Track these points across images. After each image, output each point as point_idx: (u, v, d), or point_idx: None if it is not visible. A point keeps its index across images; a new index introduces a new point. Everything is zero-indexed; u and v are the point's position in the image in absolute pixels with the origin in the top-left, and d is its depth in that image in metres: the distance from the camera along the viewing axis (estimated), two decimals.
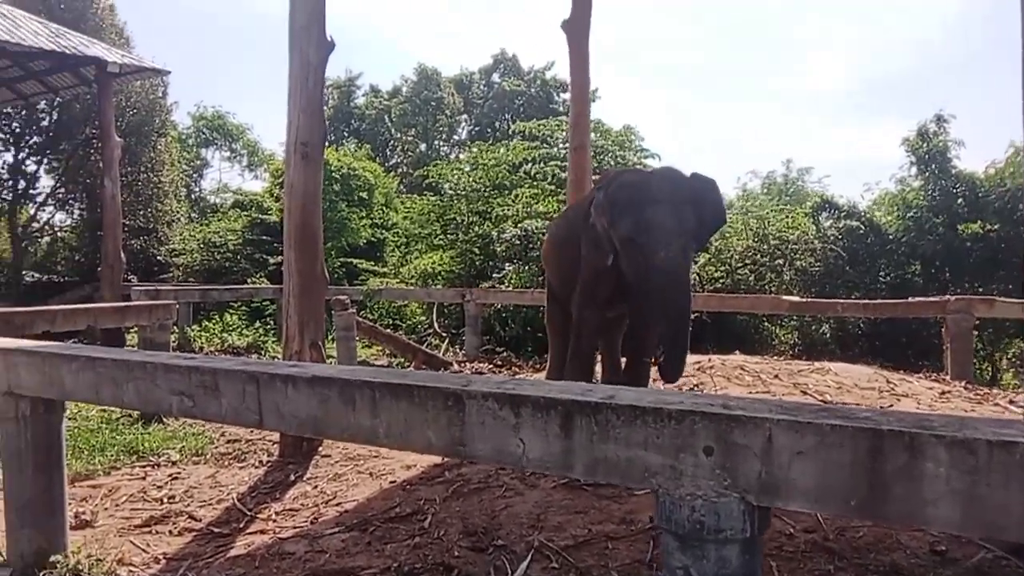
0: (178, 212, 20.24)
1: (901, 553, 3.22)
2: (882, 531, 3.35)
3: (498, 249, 12.32)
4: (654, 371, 5.15)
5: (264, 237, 17.35)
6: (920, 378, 7.46)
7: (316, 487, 4.38)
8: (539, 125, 14.55)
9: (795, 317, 11.18)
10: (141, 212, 18.02)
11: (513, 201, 13.67)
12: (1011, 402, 6.38)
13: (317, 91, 5.01)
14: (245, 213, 18.15)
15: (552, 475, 3.81)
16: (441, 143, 37.50)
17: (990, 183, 10.90)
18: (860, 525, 3.39)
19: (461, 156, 15.43)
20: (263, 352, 11.62)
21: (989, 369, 11.20)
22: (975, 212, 10.84)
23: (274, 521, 3.89)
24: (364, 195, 16.43)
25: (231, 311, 13.67)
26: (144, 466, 5.01)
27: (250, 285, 14.56)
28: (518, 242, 11.71)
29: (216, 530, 3.83)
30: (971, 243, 10.81)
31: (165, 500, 4.27)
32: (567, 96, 35.82)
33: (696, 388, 6.51)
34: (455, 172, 14.71)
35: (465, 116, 38.06)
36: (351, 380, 2.18)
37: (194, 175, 28.08)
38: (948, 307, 7.83)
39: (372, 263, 16.15)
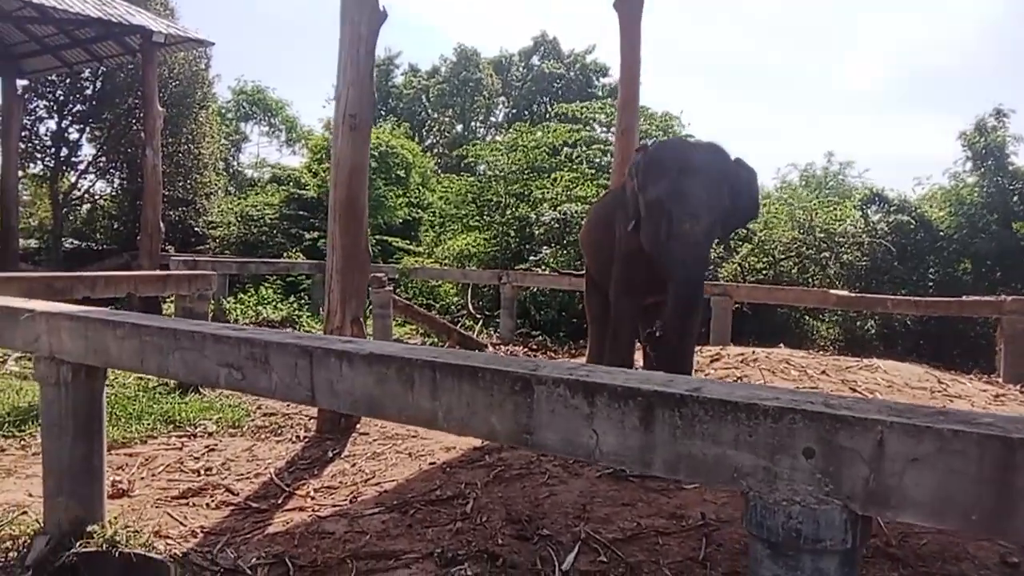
0: (216, 185, 20.32)
1: (969, 563, 3.05)
2: (947, 539, 3.18)
3: (536, 232, 12.16)
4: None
5: (301, 212, 17.34)
6: (972, 379, 7.22)
7: (354, 465, 4.29)
8: (582, 107, 14.33)
9: (839, 312, 10.90)
10: (180, 183, 18.08)
11: (552, 184, 13.51)
12: None
13: (368, 63, 4.88)
14: (283, 188, 18.15)
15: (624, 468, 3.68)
16: (478, 124, 37.37)
17: None
18: (924, 532, 3.22)
19: (499, 138, 15.19)
20: (298, 326, 11.61)
21: None
22: None
23: (312, 498, 3.81)
24: (401, 173, 16.32)
25: (266, 284, 13.68)
26: (181, 436, 4.97)
27: (287, 259, 14.55)
28: (557, 225, 11.54)
29: (254, 505, 3.75)
30: None
31: (202, 472, 4.21)
32: (607, 80, 35.61)
33: (740, 380, 6.32)
34: (494, 153, 14.54)
35: (503, 98, 37.86)
36: (411, 359, 2.05)
37: (232, 149, 28.23)
38: (1004, 307, 7.56)
39: (407, 242, 16.07)
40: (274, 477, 4.11)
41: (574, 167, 13.72)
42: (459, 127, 36.68)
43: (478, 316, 11.53)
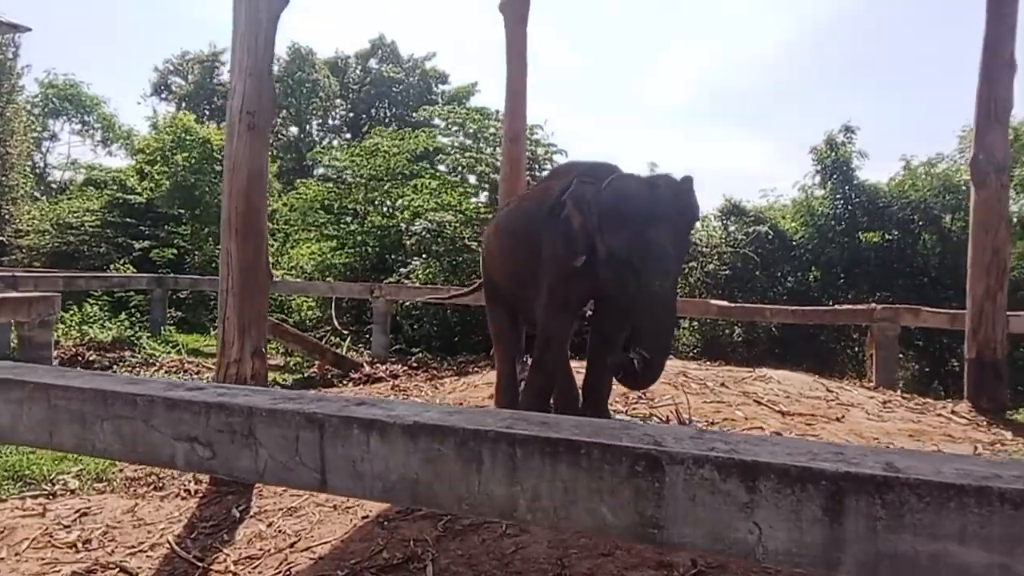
0: (23, 188, 18.09)
1: None
2: None
3: (407, 242, 11.59)
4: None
5: (129, 219, 15.76)
6: (856, 386, 7.50)
7: (271, 525, 3.64)
8: (451, 111, 13.84)
9: (698, 319, 11.13)
10: None
11: (415, 191, 12.98)
12: (953, 412, 6.44)
13: (268, 53, 4.22)
14: (107, 192, 16.40)
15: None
16: (315, 128, 36.07)
17: (891, 194, 11.27)
18: None
19: (366, 141, 14.46)
20: (137, 348, 10.39)
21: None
22: (876, 221, 11.19)
23: (234, 575, 3.15)
24: None
25: (91, 301, 12.21)
26: (37, 496, 4.08)
27: (122, 273, 13.07)
28: (428, 236, 11.04)
29: None
30: (871, 252, 11.15)
31: (80, 546, 3.41)
32: (446, 88, 35.35)
33: (642, 397, 6.14)
34: (353, 158, 13.79)
35: (340, 100, 36.74)
36: (479, 430, 1.57)
37: (39, 148, 25.35)
38: (875, 315, 7.91)
39: None
40: (176, 547, 3.39)
41: (437, 174, 13.26)
42: (294, 129, 35.29)
43: (344, 332, 10.80)
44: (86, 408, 1.92)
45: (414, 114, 34.51)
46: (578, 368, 5.08)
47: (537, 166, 12.63)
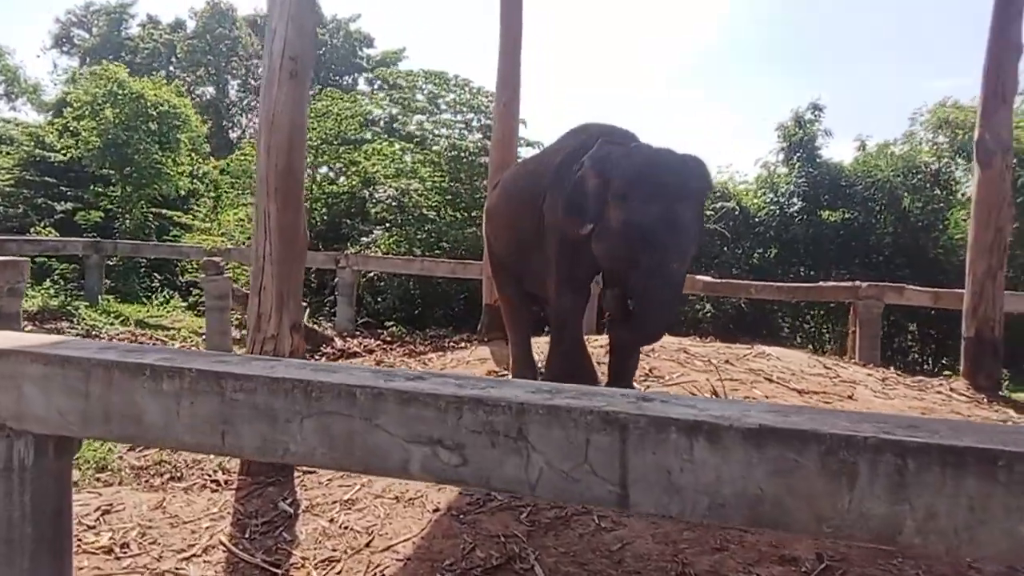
0: None
1: None
2: None
3: (372, 211, 11.04)
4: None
5: (48, 178, 14.56)
6: (850, 363, 7.51)
7: (333, 521, 3.24)
8: (405, 74, 13.21)
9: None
10: None
11: (366, 157, 12.40)
12: (951, 389, 6.51)
13: None
14: (23, 148, 15.10)
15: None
16: (235, 89, 34.46)
17: (855, 173, 11.41)
18: None
19: (316, 104, 13.70)
20: (76, 319, 9.56)
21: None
22: (838, 200, 11.32)
23: None
24: (184, 138, 14.16)
25: None
26: None
27: (55, 237, 12.01)
28: (394, 204, 10.53)
29: None
30: (832, 230, 11.29)
31: (119, 551, 2.93)
32: (372, 51, 34.31)
33: (650, 374, 5.95)
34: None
35: (261, 60, 35.18)
36: (852, 437, 1.27)
37: None
38: (860, 293, 7.94)
39: (190, 217, 14.00)
40: (235, 549, 2.96)
41: (391, 139, 12.69)
42: (211, 89, 33.64)
43: (305, 304, 10.20)
44: (278, 403, 1.53)
45: (340, 78, 33.48)
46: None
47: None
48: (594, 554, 2.93)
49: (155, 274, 13.36)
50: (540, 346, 5.71)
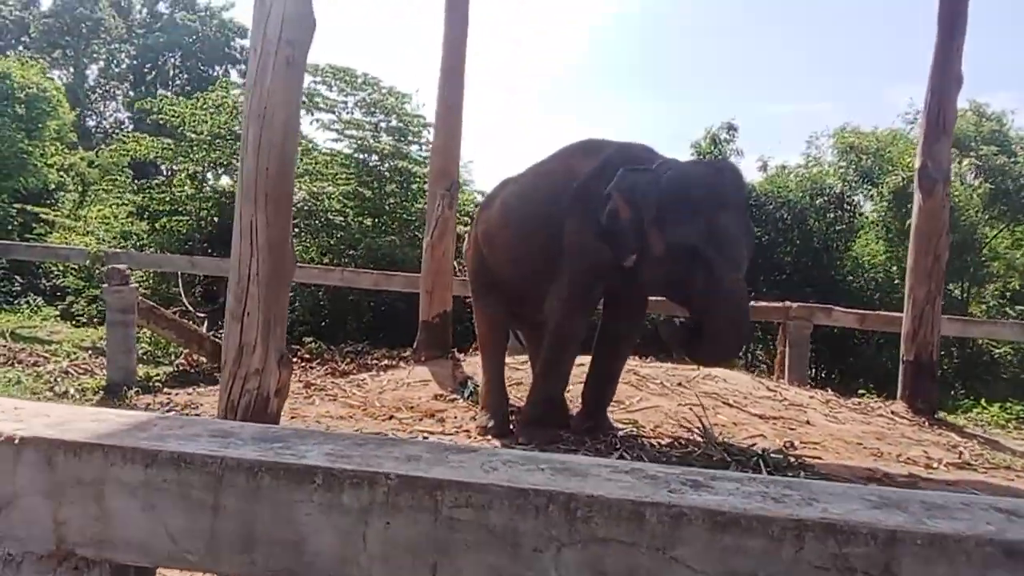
0: None
1: None
2: None
3: None
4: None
5: None
6: (790, 386, 7.53)
7: None
8: (337, 72, 12.18)
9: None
10: None
11: None
12: (892, 412, 6.61)
13: None
14: None
15: None
16: (95, 73, 31.99)
17: (766, 193, 11.65)
18: None
19: (210, 94, 12.66)
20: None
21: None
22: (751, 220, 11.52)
23: None
24: (53, 125, 12.73)
25: None
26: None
27: None
28: (304, 208, 9.79)
29: None
30: None
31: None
32: (245, 43, 32.87)
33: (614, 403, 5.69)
34: (194, 113, 11.96)
35: (127, 45, 32.87)
36: None
37: None
38: (791, 313, 8.00)
39: (56, 213, 12.60)
40: None
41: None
42: (66, 73, 31.09)
43: (200, 315, 9.32)
44: (524, 524, 1.09)
45: (210, 69, 31.58)
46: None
47: (404, 139, 11.66)
48: None
49: (16, 277, 11.93)
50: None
